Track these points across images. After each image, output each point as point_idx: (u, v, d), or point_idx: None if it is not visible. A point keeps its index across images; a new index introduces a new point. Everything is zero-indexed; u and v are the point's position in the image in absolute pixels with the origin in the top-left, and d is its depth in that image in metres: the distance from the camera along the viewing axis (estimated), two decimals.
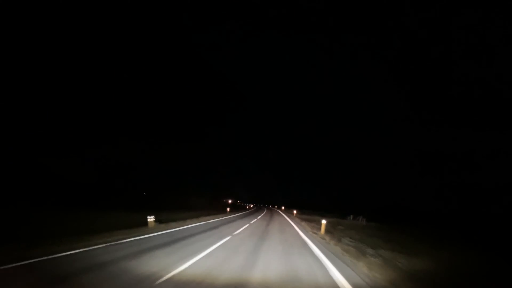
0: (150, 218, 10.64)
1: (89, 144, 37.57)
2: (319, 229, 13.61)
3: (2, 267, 4.27)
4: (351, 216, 32.13)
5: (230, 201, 59.19)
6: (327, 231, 13.21)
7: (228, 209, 29.87)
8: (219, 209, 28.79)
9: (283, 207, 59.19)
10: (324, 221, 12.56)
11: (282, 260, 6.19)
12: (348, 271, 5.56)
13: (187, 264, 5.21)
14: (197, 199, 40.85)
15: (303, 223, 19.36)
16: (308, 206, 63.81)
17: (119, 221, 10.92)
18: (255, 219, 19.99)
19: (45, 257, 5.02)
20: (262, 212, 34.78)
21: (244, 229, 13.42)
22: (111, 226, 9.18)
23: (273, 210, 52.07)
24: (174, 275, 4.46)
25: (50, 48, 37.59)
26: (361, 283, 4.80)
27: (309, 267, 5.75)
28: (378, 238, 12.82)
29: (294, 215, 27.62)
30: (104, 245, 6.50)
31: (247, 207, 53.00)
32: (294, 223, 18.96)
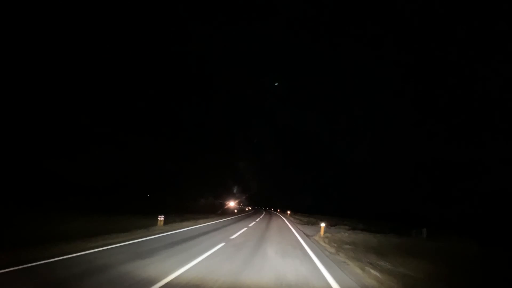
0: None
1: (90, 145, 35.11)
2: None
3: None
4: (414, 232, 18.77)
5: (232, 203, 53.53)
6: None
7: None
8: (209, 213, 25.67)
9: (288, 212, 45.86)
10: None
11: None
12: None
13: None
14: (195, 202, 38.58)
15: None
16: (314, 211, 54.42)
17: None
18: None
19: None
20: (254, 221, 22.01)
21: None
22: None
23: (273, 215, 38.73)
24: None
25: (52, 47, 35.08)
26: None
27: None
28: None
29: (322, 229, 14.12)
30: None
31: (235, 211, 42.19)
32: None
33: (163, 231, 10.45)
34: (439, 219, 41.84)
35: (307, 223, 24.03)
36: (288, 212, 44.94)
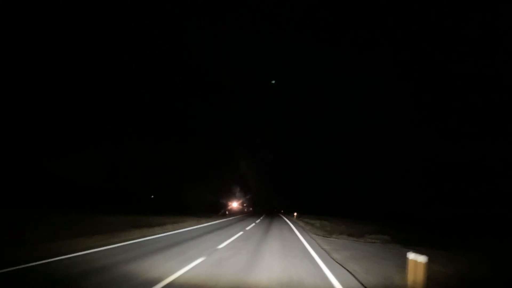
0: None
1: (93, 146, 34.30)
2: None
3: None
4: None
5: (235, 204, 55.10)
6: None
7: None
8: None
9: (295, 214, 37.10)
10: None
11: None
12: None
13: None
14: (193, 203, 37.15)
15: None
16: (315, 211, 49.24)
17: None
18: None
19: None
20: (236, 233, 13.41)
21: None
22: None
23: (276, 218, 30.86)
24: None
25: (55, 48, 33.38)
26: None
27: None
28: None
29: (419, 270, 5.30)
30: None
31: (227, 213, 37.24)
32: None
33: None
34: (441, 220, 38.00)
35: (328, 232, 15.25)
36: (295, 214, 36.02)
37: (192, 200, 40.11)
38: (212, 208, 37.49)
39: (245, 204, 72.76)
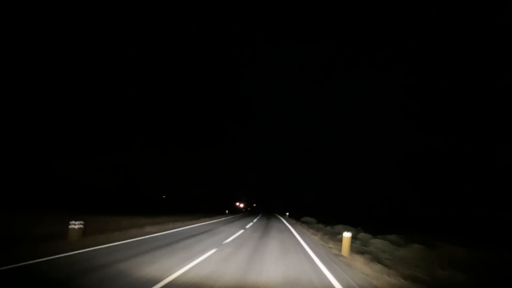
0: None
1: (100, 149, 36.39)
2: None
3: None
4: None
5: (241, 205, 59.49)
6: None
7: None
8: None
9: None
10: None
11: None
12: None
13: None
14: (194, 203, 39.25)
15: None
16: (314, 213, 45.41)
17: None
18: None
19: None
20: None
21: None
22: None
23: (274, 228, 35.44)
24: None
25: (66, 51, 39.22)
26: None
27: None
28: None
29: None
30: None
31: (243, 210, 45.21)
32: None
33: None
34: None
35: None
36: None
37: (209, 202, 44.08)
38: (227, 208, 41.61)
39: (254, 205, 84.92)
